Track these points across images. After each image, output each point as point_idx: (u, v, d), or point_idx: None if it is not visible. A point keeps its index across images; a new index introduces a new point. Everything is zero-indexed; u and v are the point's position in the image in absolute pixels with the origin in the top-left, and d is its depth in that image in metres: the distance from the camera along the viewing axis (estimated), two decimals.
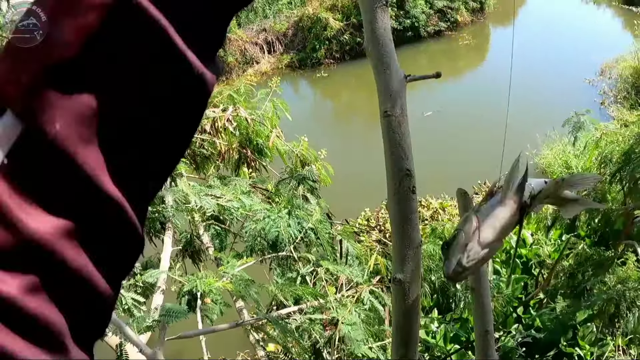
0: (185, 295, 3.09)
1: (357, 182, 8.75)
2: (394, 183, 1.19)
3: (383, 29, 1.22)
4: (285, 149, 4.29)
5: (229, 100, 4.48)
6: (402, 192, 1.18)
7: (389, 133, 1.19)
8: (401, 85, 1.21)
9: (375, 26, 1.22)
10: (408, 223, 1.19)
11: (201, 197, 3.40)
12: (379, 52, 1.22)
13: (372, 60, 1.24)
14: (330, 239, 3.25)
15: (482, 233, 0.73)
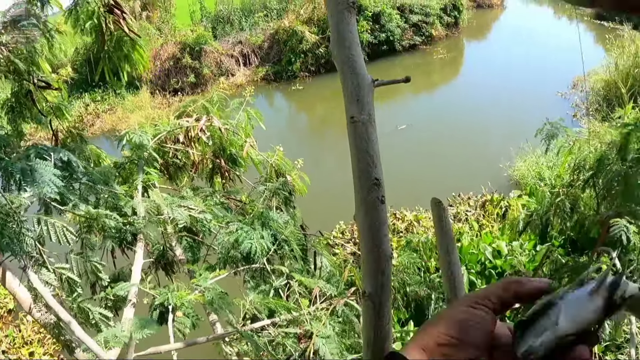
0: (157, 308, 3.01)
1: (332, 194, 8.73)
2: (362, 193, 1.15)
3: (349, 31, 1.18)
4: (259, 159, 4.24)
5: (202, 110, 4.42)
6: (370, 202, 1.14)
7: (356, 140, 1.14)
8: (368, 90, 1.17)
9: (341, 28, 1.18)
10: (377, 234, 1.14)
11: (173, 209, 3.33)
12: (345, 55, 1.17)
13: (338, 64, 1.20)
14: (304, 251, 3.19)
15: (560, 323, 0.67)
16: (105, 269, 3.80)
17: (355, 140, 1.15)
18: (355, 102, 1.15)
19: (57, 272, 2.81)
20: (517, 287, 0.72)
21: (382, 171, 1.15)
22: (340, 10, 1.17)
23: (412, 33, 18.84)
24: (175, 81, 16.62)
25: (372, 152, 1.14)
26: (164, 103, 16.02)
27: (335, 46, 1.19)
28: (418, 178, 10.22)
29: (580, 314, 0.68)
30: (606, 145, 4.24)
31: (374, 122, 1.16)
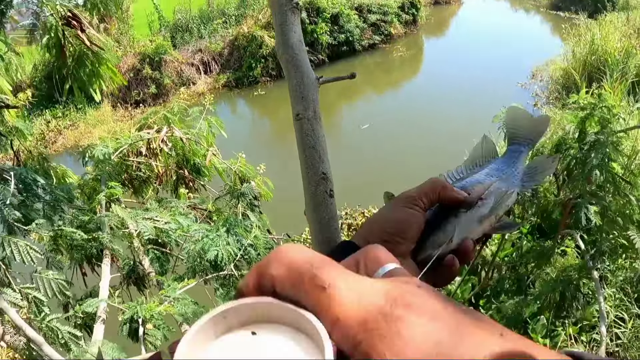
0: (127, 322, 3.00)
1: (300, 196, 8.74)
2: (310, 188, 1.17)
3: (293, 31, 1.20)
4: (223, 167, 4.23)
5: (163, 121, 4.41)
6: (319, 196, 1.16)
7: (302, 137, 1.17)
8: (313, 88, 1.19)
9: (285, 29, 1.20)
10: (327, 228, 1.16)
11: (138, 221, 3.32)
12: (289, 55, 1.20)
13: (283, 63, 1.22)
14: None
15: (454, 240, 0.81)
16: (76, 287, 3.78)
17: (302, 136, 1.17)
18: (300, 100, 1.18)
19: (22, 292, 2.78)
20: (442, 192, 0.83)
21: (329, 165, 1.17)
22: (284, 11, 1.20)
23: (371, 32, 18.93)
24: (136, 93, 16.43)
25: (319, 148, 1.17)
26: (126, 115, 15.83)
27: (280, 46, 1.21)
28: (384, 175, 10.28)
29: (470, 234, 0.83)
30: (563, 131, 4.33)
31: (320, 118, 1.18)
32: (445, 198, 0.84)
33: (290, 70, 1.20)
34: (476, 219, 0.84)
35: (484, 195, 0.86)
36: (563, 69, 13.08)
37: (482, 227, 0.84)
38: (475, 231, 0.84)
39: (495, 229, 0.85)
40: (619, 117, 4.12)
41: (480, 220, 0.84)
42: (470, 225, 0.83)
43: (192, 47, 18.12)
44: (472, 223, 0.84)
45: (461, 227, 0.83)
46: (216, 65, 17.76)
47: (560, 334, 5.01)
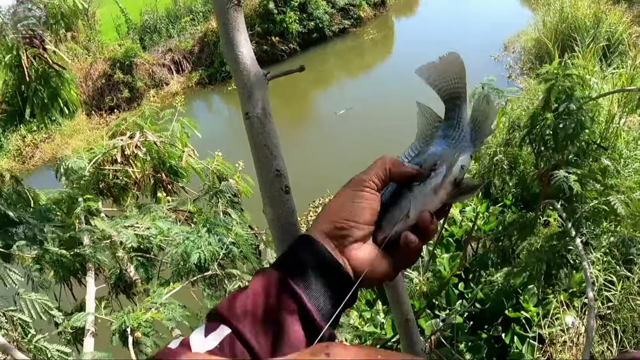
0: (116, 333, 2.98)
1: None
2: (265, 186, 1.16)
3: (237, 29, 1.19)
4: (200, 167, 4.20)
5: (136, 127, 4.36)
6: (274, 193, 1.15)
7: (253, 135, 1.15)
8: (261, 85, 1.18)
9: (229, 28, 1.19)
10: (287, 225, 1.16)
11: (119, 231, 3.29)
12: (234, 54, 1.19)
13: (230, 63, 1.21)
14: (254, 250, 3.20)
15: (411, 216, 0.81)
16: (65, 301, 3.74)
17: (253, 135, 1.16)
18: (248, 99, 1.17)
19: (7, 315, 2.75)
20: (392, 168, 0.83)
21: (283, 162, 1.16)
22: (227, 10, 1.18)
23: (340, 17, 18.88)
24: (109, 99, 16.28)
25: (271, 145, 1.16)
26: (102, 123, 15.68)
27: (225, 47, 1.20)
28: (364, 160, 10.23)
29: (427, 206, 0.82)
30: (537, 102, 4.35)
31: (270, 115, 1.17)
32: (396, 174, 0.83)
33: (236, 70, 1.18)
34: (431, 190, 0.82)
35: (437, 165, 0.84)
36: (535, 39, 13.13)
37: (438, 197, 0.83)
38: (432, 202, 0.82)
39: (455, 196, 0.83)
40: (593, 84, 4.14)
41: (435, 191, 0.82)
42: (425, 197, 0.82)
43: (161, 48, 17.97)
44: (427, 195, 0.82)
45: (416, 200, 0.82)
46: (188, 64, 17.63)
47: (552, 302, 5.06)
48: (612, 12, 11.84)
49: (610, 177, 4.18)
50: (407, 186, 0.84)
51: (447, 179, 0.82)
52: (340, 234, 0.77)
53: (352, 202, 0.79)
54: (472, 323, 5.05)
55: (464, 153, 0.86)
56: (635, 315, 4.81)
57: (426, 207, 0.82)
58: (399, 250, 0.80)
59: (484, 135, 0.88)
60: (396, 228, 0.80)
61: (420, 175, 0.84)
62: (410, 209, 0.81)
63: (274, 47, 17.27)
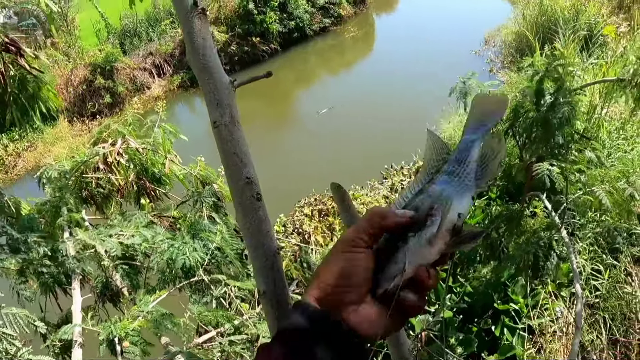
0: (104, 343, 2.95)
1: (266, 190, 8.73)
2: (237, 194, 1.15)
3: (202, 37, 1.18)
4: (183, 173, 4.18)
5: (118, 134, 4.32)
6: (245, 201, 1.14)
7: (222, 143, 1.15)
8: (228, 93, 1.17)
9: (193, 36, 1.18)
10: (259, 232, 1.15)
11: (103, 240, 3.26)
12: (199, 62, 1.18)
13: (196, 71, 1.20)
14: (238, 254, 3.18)
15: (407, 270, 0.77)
16: (51, 312, 3.70)
17: (222, 143, 1.16)
18: (215, 107, 1.16)
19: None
20: (383, 222, 0.80)
21: (253, 169, 1.16)
22: (190, 19, 1.18)
23: (320, 16, 18.83)
24: (91, 105, 16.13)
25: (240, 152, 1.15)
26: (84, 129, 15.53)
27: (191, 55, 1.19)
28: (348, 158, 10.31)
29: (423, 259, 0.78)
30: (520, 95, 4.37)
31: (238, 122, 1.17)
32: (388, 227, 0.80)
33: (202, 78, 1.18)
34: (426, 241, 0.78)
35: (433, 211, 0.79)
36: (515, 32, 13.22)
37: (435, 249, 0.78)
38: (429, 254, 0.78)
39: (453, 246, 0.78)
40: (574, 74, 4.17)
41: (430, 242, 0.78)
42: (421, 249, 0.78)
43: (142, 52, 17.83)
44: (422, 247, 0.78)
45: (411, 253, 0.78)
46: (169, 67, 17.51)
47: (540, 293, 5.09)
48: (591, 3, 11.92)
49: (594, 168, 4.21)
50: (403, 237, 0.79)
51: (443, 228, 0.78)
52: (335, 299, 0.76)
53: (342, 266, 0.77)
54: (462, 317, 5.07)
55: (463, 195, 0.81)
56: (623, 303, 4.85)
57: (423, 260, 0.77)
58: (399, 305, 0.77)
59: (490, 175, 0.82)
60: (393, 283, 0.76)
61: (415, 224, 0.79)
62: (406, 263, 0.76)
63: (255, 48, 17.21)
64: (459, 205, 0.80)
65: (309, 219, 8.01)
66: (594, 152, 4.28)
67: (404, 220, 0.79)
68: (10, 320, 2.77)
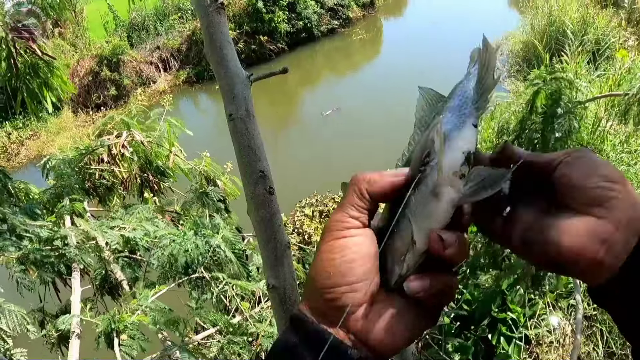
0: (102, 335, 2.95)
1: None
2: (250, 187, 1.15)
3: (220, 32, 1.18)
4: (188, 168, 4.17)
5: (122, 126, 4.31)
6: (259, 194, 1.14)
7: (237, 136, 1.14)
8: (244, 87, 1.17)
9: (212, 30, 1.18)
10: (271, 226, 1.15)
11: (104, 232, 3.25)
12: (218, 56, 1.18)
13: (213, 65, 1.20)
14: (241, 252, 3.17)
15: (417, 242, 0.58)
16: (50, 303, 3.70)
17: (236, 136, 1.15)
18: (231, 100, 1.16)
19: None
20: (370, 188, 0.62)
21: (267, 163, 1.14)
22: (209, 13, 1.17)
23: (329, 18, 18.88)
24: (96, 96, 16.15)
25: (254, 146, 1.14)
26: (88, 120, 15.56)
27: (209, 49, 1.19)
28: (352, 160, 10.31)
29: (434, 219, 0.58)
30: (526, 106, 4.37)
31: (253, 116, 1.16)
32: (381, 192, 0.62)
33: (219, 72, 1.17)
34: (430, 194, 0.58)
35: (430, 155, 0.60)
36: (522, 41, 13.19)
37: (445, 201, 0.58)
38: (439, 212, 0.58)
39: (472, 194, 0.57)
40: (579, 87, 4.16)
41: (435, 193, 0.58)
42: (427, 207, 0.58)
43: (149, 45, 17.87)
44: (428, 203, 0.58)
45: (416, 217, 0.59)
46: (175, 62, 17.54)
47: (538, 302, 5.08)
48: (599, 16, 11.90)
49: None
50: (401, 201, 0.60)
51: (447, 170, 0.58)
52: (334, 306, 0.58)
53: (333, 260, 0.58)
54: (459, 324, 5.06)
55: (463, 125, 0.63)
56: None
57: (433, 221, 0.58)
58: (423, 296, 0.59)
59: (488, 90, 0.65)
60: (406, 265, 0.59)
61: (412, 178, 0.60)
62: (414, 232, 0.58)
63: (262, 47, 17.23)
64: (460, 138, 0.61)
65: (310, 219, 7.98)
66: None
67: (397, 179, 0.62)
68: (6, 317, 2.76)
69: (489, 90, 0.65)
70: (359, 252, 0.59)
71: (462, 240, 0.59)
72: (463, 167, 0.59)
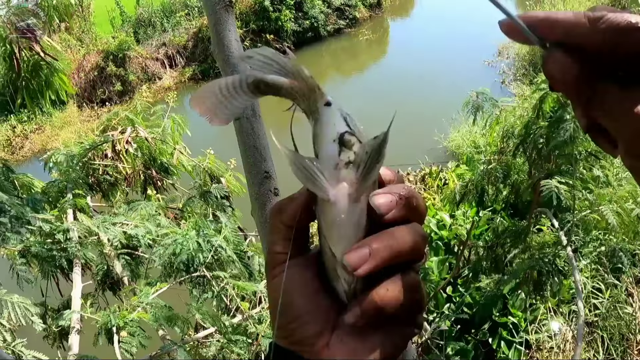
0: (102, 331, 2.95)
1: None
2: (255, 187, 1.14)
3: (228, 30, 1.17)
4: (192, 165, 4.17)
5: (127, 122, 4.32)
6: (263, 195, 1.13)
7: (242, 136, 1.13)
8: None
9: (219, 28, 1.16)
10: None
11: (106, 228, 3.25)
12: (224, 54, 1.16)
13: (220, 63, 1.19)
14: (243, 253, 3.16)
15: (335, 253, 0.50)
16: (52, 297, 3.70)
17: (242, 136, 1.13)
18: None
19: None
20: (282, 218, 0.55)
21: (273, 164, 1.13)
22: (217, 10, 1.16)
23: (335, 17, 18.84)
24: (101, 91, 16.15)
25: (260, 146, 1.13)
26: (93, 115, 15.55)
27: (216, 46, 1.18)
28: None
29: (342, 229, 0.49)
30: (532, 111, 4.36)
31: (260, 116, 1.14)
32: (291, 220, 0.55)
33: (226, 70, 1.16)
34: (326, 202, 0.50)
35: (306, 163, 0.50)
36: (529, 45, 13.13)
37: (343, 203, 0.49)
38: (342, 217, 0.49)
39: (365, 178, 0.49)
40: None
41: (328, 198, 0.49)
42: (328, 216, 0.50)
43: (155, 42, 17.85)
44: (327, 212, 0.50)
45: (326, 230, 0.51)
46: (181, 59, 17.53)
47: (539, 308, 5.07)
48: None
49: (602, 187, 4.19)
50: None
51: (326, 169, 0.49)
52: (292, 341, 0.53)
53: (275, 299, 0.54)
54: (460, 327, 5.06)
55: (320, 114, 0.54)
56: (622, 324, 4.83)
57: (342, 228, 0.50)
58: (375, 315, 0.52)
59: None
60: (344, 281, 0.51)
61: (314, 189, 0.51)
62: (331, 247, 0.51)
63: (269, 45, 17.17)
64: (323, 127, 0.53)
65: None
66: (603, 170, 4.27)
67: (302, 199, 0.54)
68: (8, 309, 2.76)
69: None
70: (293, 285, 0.54)
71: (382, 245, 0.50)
72: (342, 155, 0.50)
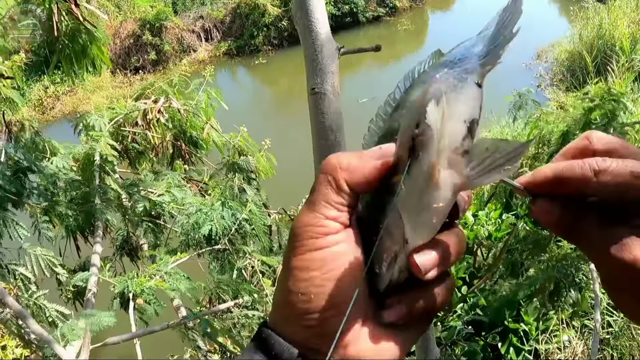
0: (118, 297, 2.96)
1: (298, 170, 8.68)
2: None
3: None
4: (222, 141, 4.14)
5: (162, 92, 4.31)
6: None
7: (317, 114, 1.01)
8: (333, 58, 1.04)
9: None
10: None
11: (131, 193, 3.26)
12: (307, 20, 1.04)
13: (300, 29, 1.06)
14: (267, 228, 3.13)
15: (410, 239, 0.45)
16: (70, 258, 3.73)
17: (316, 113, 1.02)
18: (317, 72, 1.02)
19: (9, 268, 2.73)
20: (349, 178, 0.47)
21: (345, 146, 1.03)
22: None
23: (375, 4, 18.70)
24: (136, 59, 16.25)
25: (335, 128, 1.02)
26: (125, 82, 15.66)
27: (298, 10, 1.05)
28: None
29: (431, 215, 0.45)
30: (572, 120, 4.28)
31: (338, 93, 1.03)
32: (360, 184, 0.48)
33: (307, 38, 1.04)
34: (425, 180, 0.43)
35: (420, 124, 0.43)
36: (569, 51, 12.89)
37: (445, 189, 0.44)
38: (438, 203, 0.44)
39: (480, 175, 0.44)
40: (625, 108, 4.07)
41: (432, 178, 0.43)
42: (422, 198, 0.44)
43: (193, 14, 17.89)
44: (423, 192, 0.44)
45: (410, 211, 0.45)
46: (217, 33, 17.55)
47: (553, 318, 5.01)
48: None
49: None
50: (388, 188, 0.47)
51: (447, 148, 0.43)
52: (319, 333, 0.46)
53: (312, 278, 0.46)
54: (472, 328, 5.02)
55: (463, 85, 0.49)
56: (635, 345, 4.76)
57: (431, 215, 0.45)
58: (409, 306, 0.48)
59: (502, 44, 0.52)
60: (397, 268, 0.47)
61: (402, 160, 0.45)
62: (406, 230, 0.45)
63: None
64: (460, 102, 0.46)
65: None
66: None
67: (380, 163, 0.47)
68: (31, 261, 2.78)
69: (502, 45, 0.52)
70: (344, 264, 0.46)
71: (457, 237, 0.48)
72: (466, 142, 0.44)
